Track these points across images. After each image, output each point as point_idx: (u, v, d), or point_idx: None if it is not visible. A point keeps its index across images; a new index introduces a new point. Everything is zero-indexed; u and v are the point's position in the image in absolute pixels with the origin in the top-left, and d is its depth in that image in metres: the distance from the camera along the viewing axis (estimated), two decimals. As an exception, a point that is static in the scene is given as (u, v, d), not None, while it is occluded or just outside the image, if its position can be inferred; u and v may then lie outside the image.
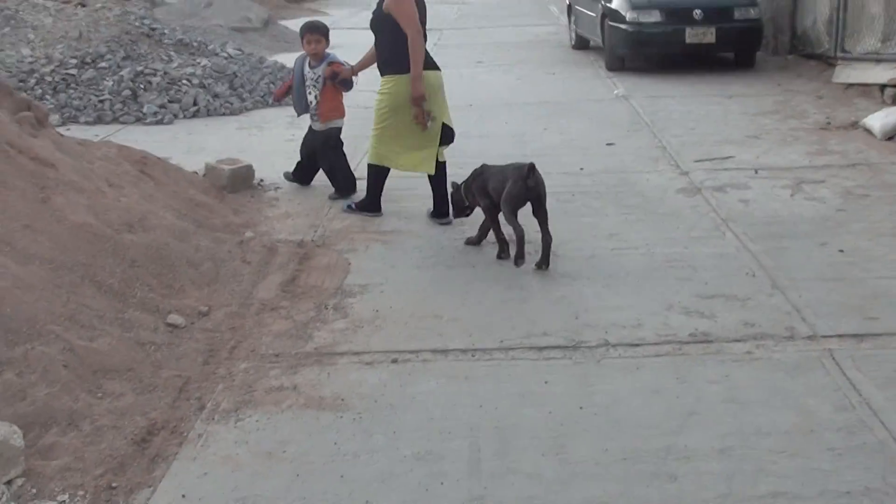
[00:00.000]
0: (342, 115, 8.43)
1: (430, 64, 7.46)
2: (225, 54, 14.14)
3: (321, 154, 8.38)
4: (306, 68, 8.32)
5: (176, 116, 11.91)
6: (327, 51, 8.39)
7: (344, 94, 8.38)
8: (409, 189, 8.08)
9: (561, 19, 21.53)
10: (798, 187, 8.01)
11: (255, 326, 5.55)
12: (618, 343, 5.20)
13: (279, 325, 5.57)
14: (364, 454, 4.18)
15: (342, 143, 8.44)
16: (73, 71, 12.49)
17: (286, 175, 8.61)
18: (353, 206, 7.82)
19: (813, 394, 4.60)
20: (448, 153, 7.65)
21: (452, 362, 5.05)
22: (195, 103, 12.18)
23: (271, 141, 10.22)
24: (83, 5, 15.70)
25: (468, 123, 11.17)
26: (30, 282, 5.04)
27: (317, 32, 8.28)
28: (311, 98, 8.29)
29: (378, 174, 7.70)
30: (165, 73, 12.63)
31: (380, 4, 7.38)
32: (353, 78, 8.30)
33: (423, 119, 7.32)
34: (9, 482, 3.87)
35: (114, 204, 6.34)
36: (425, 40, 7.40)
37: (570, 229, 7.08)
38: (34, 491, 3.89)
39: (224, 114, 12.17)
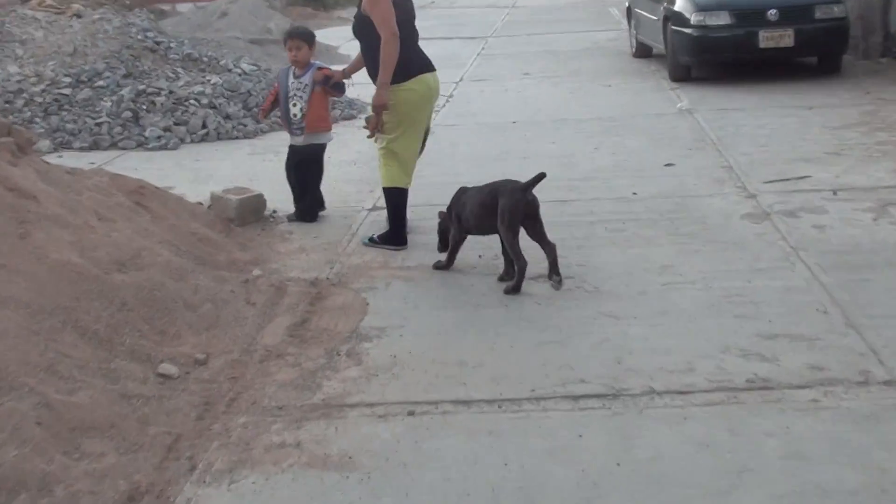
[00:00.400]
0: (329, 128, 8.66)
1: (427, 65, 7.79)
2: (239, 70, 14.31)
3: (304, 170, 8.57)
4: (290, 79, 8.45)
5: (182, 141, 12.10)
6: (313, 60, 8.51)
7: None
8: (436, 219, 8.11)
9: (622, 24, 21.57)
10: (883, 210, 7.95)
11: (258, 376, 5.58)
12: (664, 390, 5.18)
13: (285, 373, 5.60)
14: (370, 520, 4.23)
15: (322, 166, 8.67)
16: (67, 90, 12.72)
17: (289, 217, 8.64)
18: (376, 238, 7.85)
19: (886, 447, 4.55)
20: (485, 176, 7.84)
21: (476, 415, 5.06)
22: (204, 126, 12.37)
23: (282, 168, 10.34)
24: (79, 16, 15.98)
25: (510, 143, 11.31)
26: (2, 328, 5.10)
27: (298, 38, 8.42)
28: (295, 110, 8.36)
29: (398, 199, 7.81)
30: (171, 91, 12.82)
31: (360, 6, 7.57)
32: (346, 81, 8.45)
33: (373, 128, 7.59)
34: (-32, 555, 3.93)
35: (102, 240, 6.43)
36: (417, 37, 7.80)
37: (618, 262, 7.10)
38: (-3, 566, 3.98)
39: (236, 137, 12.37)
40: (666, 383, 5.26)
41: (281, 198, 8.85)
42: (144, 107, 12.41)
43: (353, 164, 10.03)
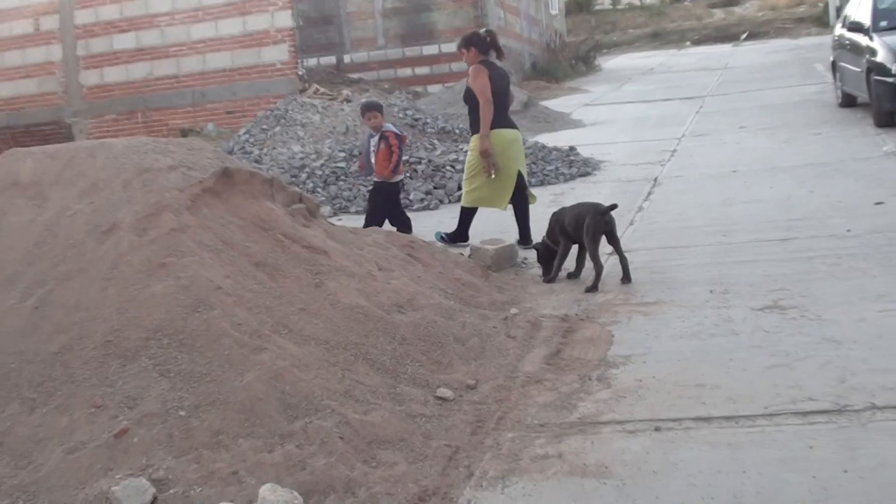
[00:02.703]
0: (388, 173, 9.96)
1: (508, 123, 9.56)
2: (487, 138, 14.62)
3: (378, 203, 10.09)
4: (372, 139, 10.11)
5: (441, 202, 12.51)
6: (385, 123, 10.14)
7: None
8: (673, 260, 8.26)
9: (826, 77, 21.10)
10: None
11: (521, 398, 5.72)
12: (885, 406, 5.08)
13: (544, 396, 5.73)
14: (627, 519, 4.30)
15: (394, 196, 10.21)
16: (342, 164, 13.30)
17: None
18: (444, 236, 9.83)
19: None
20: (712, 220, 8.22)
21: (716, 430, 5.06)
22: (459, 188, 12.64)
23: (533, 217, 10.51)
24: (348, 101, 16.63)
25: (732, 190, 11.26)
26: (307, 361, 5.45)
27: (372, 110, 10.14)
28: (373, 160, 10.03)
29: (468, 213, 9.78)
30: (430, 160, 13.25)
31: (468, 82, 9.47)
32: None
33: (488, 169, 9.30)
34: (292, 547, 4.22)
35: (383, 286, 6.74)
36: (508, 104, 9.72)
37: (837, 293, 7.00)
38: (316, 554, 4.23)
39: (486, 196, 12.60)
40: (887, 399, 5.15)
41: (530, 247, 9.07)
42: (408, 174, 12.83)
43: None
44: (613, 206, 7.99)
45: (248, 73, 23.13)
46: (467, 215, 9.83)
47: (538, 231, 8.88)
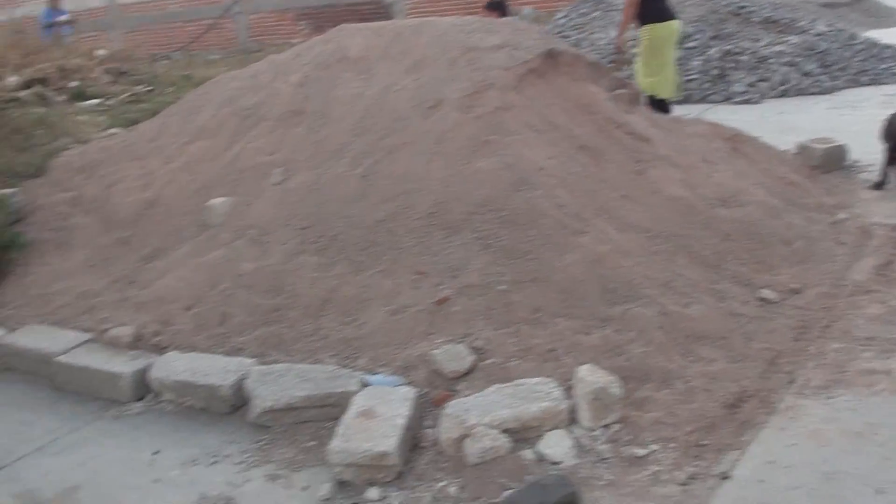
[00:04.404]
0: None
1: (673, 15, 9.63)
2: (814, 31, 13.97)
3: None
4: None
5: (763, 96, 12.04)
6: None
7: None
8: None
9: None
10: None
11: (848, 308, 5.43)
12: None
13: (873, 308, 5.41)
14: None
15: None
16: (664, 51, 13.02)
17: None
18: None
19: None
20: None
21: None
22: (784, 82, 12.20)
23: (865, 121, 9.91)
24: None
25: None
26: (627, 248, 5.41)
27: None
28: None
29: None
30: (753, 51, 12.76)
31: None
32: None
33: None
34: (606, 426, 4.23)
35: (706, 179, 6.56)
36: None
37: None
38: (628, 438, 4.19)
39: (813, 93, 12.11)
40: None
41: (861, 149, 8.58)
42: (730, 65, 12.45)
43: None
44: None
45: (569, -44, 22.90)
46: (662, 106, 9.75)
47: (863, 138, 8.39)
